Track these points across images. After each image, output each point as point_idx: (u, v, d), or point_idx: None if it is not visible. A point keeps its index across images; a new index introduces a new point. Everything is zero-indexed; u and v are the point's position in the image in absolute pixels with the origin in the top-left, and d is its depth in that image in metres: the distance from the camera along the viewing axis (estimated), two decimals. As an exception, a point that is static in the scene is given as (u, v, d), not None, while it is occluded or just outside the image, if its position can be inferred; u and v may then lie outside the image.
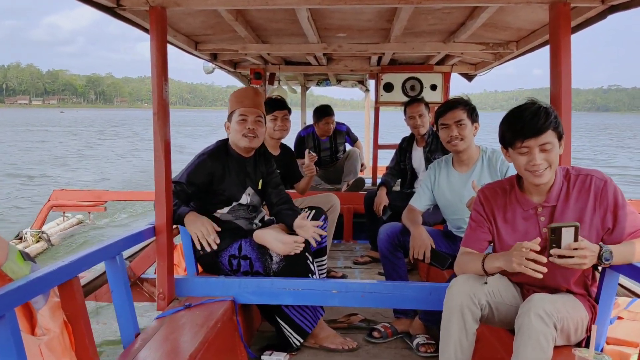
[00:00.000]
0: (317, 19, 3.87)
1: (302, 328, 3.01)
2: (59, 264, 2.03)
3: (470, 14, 3.60)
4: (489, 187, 2.46)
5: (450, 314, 2.22)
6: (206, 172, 3.07)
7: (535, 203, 2.28)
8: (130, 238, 2.68)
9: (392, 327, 3.26)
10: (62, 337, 1.97)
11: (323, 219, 3.45)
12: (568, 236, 1.99)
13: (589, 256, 2.01)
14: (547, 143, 2.13)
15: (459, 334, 2.19)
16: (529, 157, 2.16)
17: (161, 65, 2.77)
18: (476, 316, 2.21)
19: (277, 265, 3.01)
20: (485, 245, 2.43)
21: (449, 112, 3.22)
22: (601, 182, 2.20)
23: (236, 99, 3.19)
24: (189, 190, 3.03)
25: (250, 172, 3.26)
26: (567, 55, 2.74)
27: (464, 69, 6.21)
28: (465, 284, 2.24)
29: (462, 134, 3.19)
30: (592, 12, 2.92)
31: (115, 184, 15.68)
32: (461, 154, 3.27)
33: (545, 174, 2.17)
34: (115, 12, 2.94)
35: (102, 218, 9.97)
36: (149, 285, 3.04)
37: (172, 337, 2.44)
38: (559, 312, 2.03)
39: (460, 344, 2.19)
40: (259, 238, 3.06)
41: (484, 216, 2.41)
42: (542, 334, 1.97)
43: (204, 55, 5.08)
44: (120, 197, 8.81)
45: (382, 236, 3.37)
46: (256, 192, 3.30)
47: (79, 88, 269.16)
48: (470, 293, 2.20)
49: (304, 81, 8.89)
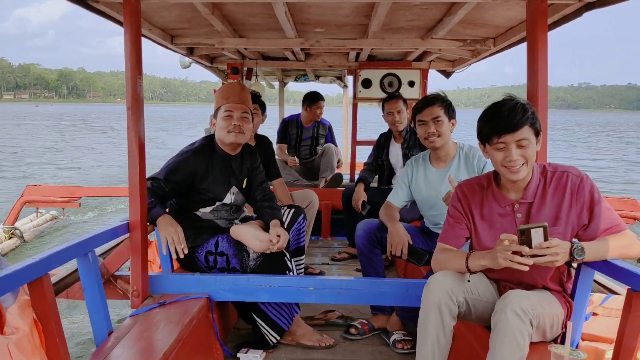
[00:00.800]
0: (294, 14, 3.84)
1: (278, 325, 2.99)
2: (28, 261, 1.98)
3: (448, 11, 3.60)
4: (467, 184, 2.46)
5: (428, 311, 2.21)
6: (188, 170, 3.02)
7: (512, 200, 2.28)
8: (103, 234, 2.63)
9: (369, 324, 3.26)
10: (31, 336, 1.92)
11: (302, 219, 3.43)
12: (538, 236, 2.00)
13: (561, 253, 2.02)
14: (523, 139, 2.13)
15: (436, 331, 2.19)
16: (505, 153, 2.16)
17: (135, 60, 2.72)
18: (453, 313, 2.21)
19: (254, 262, 2.98)
20: (462, 242, 2.43)
21: (427, 109, 3.23)
22: (577, 179, 2.21)
23: (222, 95, 3.14)
24: (167, 187, 2.98)
25: (235, 170, 3.21)
26: (544, 52, 2.75)
27: (441, 65, 6.23)
28: (443, 281, 2.24)
29: (439, 130, 3.20)
30: (568, 9, 2.93)
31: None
32: (438, 150, 3.27)
33: (522, 170, 2.17)
34: (89, 5, 2.88)
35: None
36: (123, 283, 2.99)
37: (146, 335, 2.41)
38: (534, 308, 2.04)
39: (438, 340, 2.19)
40: (235, 234, 3.03)
41: (462, 212, 2.41)
42: (518, 331, 1.97)
43: (180, 49, 5.02)
44: (95, 192, 8.73)
45: (359, 232, 3.36)
46: (240, 191, 3.25)
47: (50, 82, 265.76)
48: (448, 290, 2.20)
49: (282, 77, 8.85)
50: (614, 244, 2.14)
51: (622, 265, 2.07)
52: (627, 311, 2.04)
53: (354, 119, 6.84)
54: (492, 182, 2.36)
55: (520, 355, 1.98)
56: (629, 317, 2.03)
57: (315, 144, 6.48)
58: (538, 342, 2.19)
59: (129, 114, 2.71)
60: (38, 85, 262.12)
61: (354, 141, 6.84)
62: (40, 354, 1.95)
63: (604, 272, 2.18)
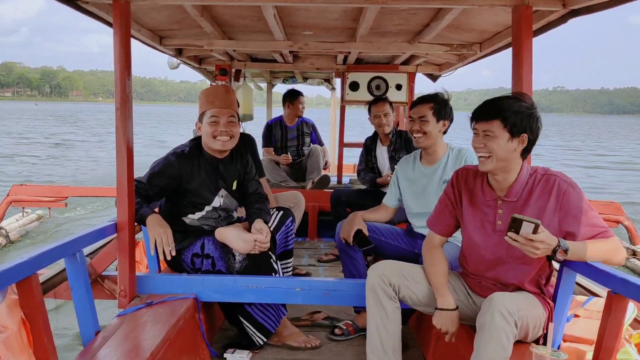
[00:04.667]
0: (283, 17, 3.86)
1: (265, 327, 3.00)
2: (17, 261, 1.99)
3: (435, 16, 3.64)
4: (464, 169, 2.53)
5: (367, 297, 2.47)
6: (172, 173, 2.97)
7: (496, 195, 2.34)
8: (91, 235, 2.63)
9: (354, 324, 3.28)
10: (19, 335, 1.93)
11: (290, 221, 3.43)
12: (527, 230, 2.04)
13: (542, 249, 2.06)
14: (488, 130, 2.20)
15: (378, 312, 2.43)
16: (474, 138, 2.28)
17: (124, 60, 2.73)
18: (389, 294, 2.43)
19: (240, 265, 2.98)
20: (451, 230, 2.54)
21: (416, 107, 3.29)
22: (565, 184, 2.23)
23: (206, 99, 3.05)
24: (151, 191, 2.95)
25: (223, 173, 3.15)
26: (529, 57, 2.80)
27: (428, 69, 6.29)
28: (377, 267, 2.49)
29: (423, 129, 3.23)
30: (553, 15, 2.99)
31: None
32: (428, 149, 3.31)
33: (487, 163, 2.24)
34: (78, 5, 2.89)
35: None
36: (110, 283, 2.99)
37: (133, 335, 2.42)
38: (519, 310, 2.09)
39: (382, 322, 2.42)
40: (220, 236, 3.02)
41: (451, 199, 2.50)
42: (503, 332, 2.01)
43: (168, 50, 5.02)
44: (82, 192, 8.68)
45: (338, 231, 3.38)
46: (230, 194, 3.20)
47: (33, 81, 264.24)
48: (379, 273, 2.45)
49: (270, 78, 8.86)
50: (598, 247, 2.17)
51: (603, 268, 2.11)
52: (607, 313, 2.09)
53: (342, 121, 6.86)
54: (485, 175, 2.41)
55: (504, 356, 2.01)
56: (609, 319, 2.08)
57: (301, 143, 6.51)
58: (520, 342, 2.23)
59: (118, 115, 2.71)
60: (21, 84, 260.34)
61: (341, 143, 6.87)
62: (28, 353, 1.96)
63: (586, 274, 2.22)
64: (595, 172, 22.72)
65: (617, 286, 2.03)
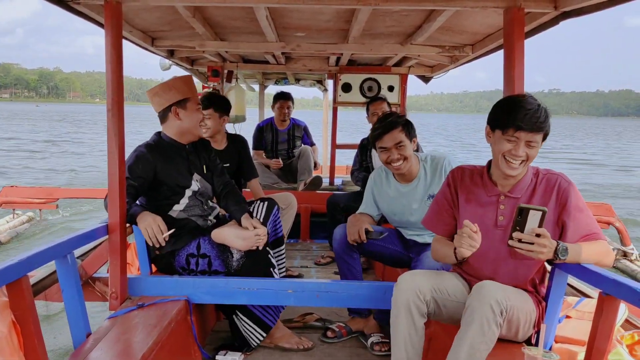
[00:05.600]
0: (275, 18, 3.86)
1: (265, 322, 3.00)
2: (7, 263, 1.97)
3: (427, 17, 3.65)
4: (460, 168, 2.53)
5: (398, 311, 2.31)
6: (147, 163, 2.97)
7: (499, 191, 2.35)
8: (82, 236, 2.62)
9: (347, 327, 3.28)
10: (10, 337, 1.92)
11: (276, 210, 3.45)
12: (534, 220, 2.06)
13: (548, 246, 2.08)
14: (534, 141, 2.20)
15: (408, 329, 2.29)
16: (513, 146, 2.21)
17: (116, 61, 2.72)
18: (422, 311, 2.31)
19: (238, 262, 2.99)
20: (451, 229, 2.50)
21: (386, 135, 3.12)
22: (566, 183, 2.28)
23: (188, 86, 3.09)
24: (136, 183, 2.92)
25: (192, 159, 3.18)
26: (521, 59, 2.80)
27: (420, 70, 6.30)
28: (411, 281, 2.33)
29: (403, 154, 3.13)
30: (545, 17, 3.00)
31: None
32: (401, 173, 3.25)
33: (519, 168, 2.24)
34: (69, 6, 2.88)
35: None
36: (101, 285, 2.98)
37: (124, 337, 2.41)
38: (508, 299, 2.11)
39: (410, 339, 2.28)
40: (217, 237, 3.02)
41: (447, 199, 2.49)
42: (485, 318, 2.05)
43: (160, 51, 5.01)
44: (73, 194, 8.64)
45: (337, 237, 3.35)
46: (204, 178, 3.22)
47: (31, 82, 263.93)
48: (415, 289, 2.29)
49: (262, 79, 8.85)
50: (592, 249, 2.20)
51: (594, 269, 2.12)
52: (599, 314, 2.09)
53: (334, 122, 6.86)
54: (485, 171, 2.42)
55: (482, 340, 2.05)
56: (600, 320, 2.08)
57: (292, 146, 6.50)
58: (511, 342, 2.25)
59: (109, 116, 2.70)
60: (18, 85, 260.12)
61: (333, 145, 6.87)
62: (18, 356, 1.94)
63: (577, 275, 2.23)
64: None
65: (608, 287, 2.04)
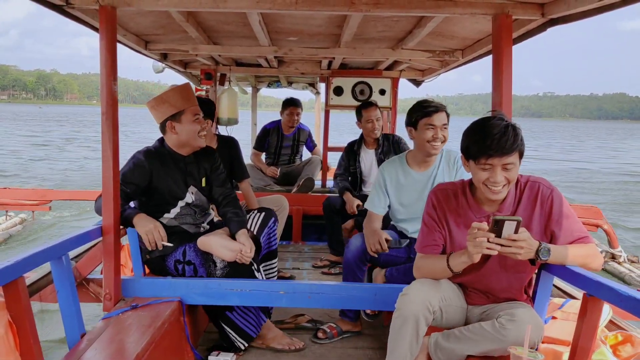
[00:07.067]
0: (268, 23, 3.90)
1: (246, 332, 3.02)
2: (3, 264, 2.00)
3: (417, 23, 3.70)
4: (441, 189, 2.48)
5: (403, 321, 2.26)
6: (143, 171, 3.00)
7: (488, 212, 2.33)
8: (76, 238, 2.65)
9: (338, 328, 3.32)
10: (6, 337, 1.95)
11: (272, 222, 3.47)
12: (509, 228, 2.08)
13: (525, 248, 2.09)
14: (510, 163, 2.16)
15: (410, 339, 2.26)
16: (489, 174, 2.18)
17: (110, 65, 2.75)
18: (429, 321, 2.29)
19: (222, 272, 3.00)
20: (440, 250, 2.45)
21: (436, 114, 3.18)
22: (548, 190, 2.28)
23: (182, 97, 3.08)
24: (128, 189, 2.95)
25: (191, 171, 3.19)
26: (509, 65, 2.85)
27: (412, 74, 6.35)
28: (419, 290, 2.30)
29: (446, 136, 3.22)
30: (532, 24, 3.05)
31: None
32: (432, 156, 3.29)
33: (503, 191, 2.21)
34: (64, 10, 2.90)
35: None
36: (95, 286, 3.00)
37: (118, 338, 2.44)
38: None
39: (411, 348, 2.26)
40: (203, 245, 3.03)
41: (436, 220, 2.44)
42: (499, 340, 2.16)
43: (153, 54, 5.04)
44: (66, 196, 8.61)
45: (352, 247, 3.31)
46: (200, 191, 3.23)
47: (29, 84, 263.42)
48: (425, 301, 2.26)
49: (255, 82, 8.88)
50: (578, 252, 2.23)
51: (579, 271, 2.17)
52: (583, 314, 2.15)
53: (326, 125, 6.90)
54: (468, 190, 2.39)
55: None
56: (584, 320, 2.13)
57: (295, 152, 6.54)
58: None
59: (104, 119, 2.73)
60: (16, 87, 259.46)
61: (325, 147, 6.89)
62: (14, 356, 1.98)
63: (562, 277, 2.27)
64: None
65: (592, 288, 2.09)
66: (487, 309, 2.40)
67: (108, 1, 2.72)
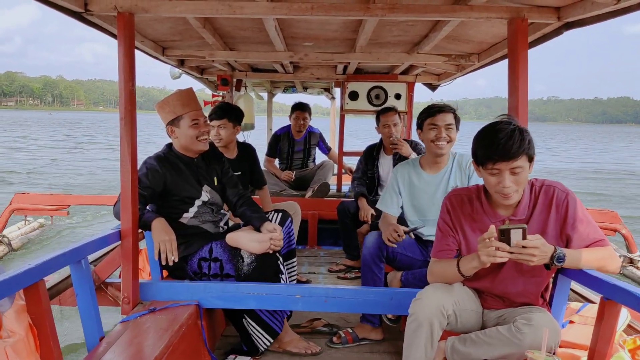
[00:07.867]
0: (284, 28, 3.92)
1: (272, 328, 3.04)
2: (24, 267, 2.04)
3: (433, 27, 3.70)
4: (455, 195, 2.48)
5: (418, 326, 2.27)
6: (157, 175, 3.02)
7: (503, 216, 2.33)
8: (95, 242, 2.68)
9: (353, 334, 3.29)
10: (27, 339, 1.98)
11: (289, 222, 3.49)
12: (517, 236, 2.08)
13: (538, 255, 2.08)
14: (517, 167, 2.15)
15: (425, 343, 2.26)
16: (498, 179, 2.18)
17: (129, 71, 2.79)
18: (443, 325, 2.30)
19: (249, 267, 3.02)
20: (453, 254, 2.46)
21: (440, 115, 3.23)
22: (563, 194, 2.27)
23: (181, 103, 3.12)
24: (145, 192, 2.98)
25: (202, 172, 3.23)
26: (524, 69, 2.84)
27: (427, 79, 6.34)
28: (433, 295, 2.31)
29: (450, 136, 3.24)
30: (548, 28, 3.04)
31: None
32: (440, 157, 3.31)
33: (514, 196, 2.21)
34: (83, 17, 2.94)
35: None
36: (114, 290, 3.04)
37: (136, 341, 2.46)
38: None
39: (426, 353, 2.27)
40: (232, 241, 3.06)
41: (450, 226, 2.45)
42: (514, 345, 2.14)
43: (171, 60, 5.08)
44: (84, 201, 8.69)
45: (368, 245, 3.31)
46: (214, 189, 3.26)
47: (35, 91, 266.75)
48: (439, 305, 2.27)
49: (271, 88, 8.92)
50: (594, 255, 2.21)
51: (596, 274, 2.16)
52: (600, 318, 2.13)
53: (341, 130, 6.91)
54: (483, 195, 2.39)
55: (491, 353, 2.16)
56: (602, 324, 2.12)
57: (307, 156, 6.57)
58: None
59: (122, 124, 2.76)
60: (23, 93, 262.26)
61: (340, 152, 6.90)
62: (35, 357, 2.01)
63: (580, 281, 2.26)
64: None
65: (609, 292, 2.08)
66: (504, 313, 2.40)
67: (126, 8, 2.76)
